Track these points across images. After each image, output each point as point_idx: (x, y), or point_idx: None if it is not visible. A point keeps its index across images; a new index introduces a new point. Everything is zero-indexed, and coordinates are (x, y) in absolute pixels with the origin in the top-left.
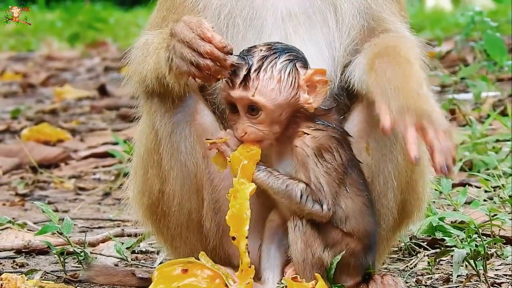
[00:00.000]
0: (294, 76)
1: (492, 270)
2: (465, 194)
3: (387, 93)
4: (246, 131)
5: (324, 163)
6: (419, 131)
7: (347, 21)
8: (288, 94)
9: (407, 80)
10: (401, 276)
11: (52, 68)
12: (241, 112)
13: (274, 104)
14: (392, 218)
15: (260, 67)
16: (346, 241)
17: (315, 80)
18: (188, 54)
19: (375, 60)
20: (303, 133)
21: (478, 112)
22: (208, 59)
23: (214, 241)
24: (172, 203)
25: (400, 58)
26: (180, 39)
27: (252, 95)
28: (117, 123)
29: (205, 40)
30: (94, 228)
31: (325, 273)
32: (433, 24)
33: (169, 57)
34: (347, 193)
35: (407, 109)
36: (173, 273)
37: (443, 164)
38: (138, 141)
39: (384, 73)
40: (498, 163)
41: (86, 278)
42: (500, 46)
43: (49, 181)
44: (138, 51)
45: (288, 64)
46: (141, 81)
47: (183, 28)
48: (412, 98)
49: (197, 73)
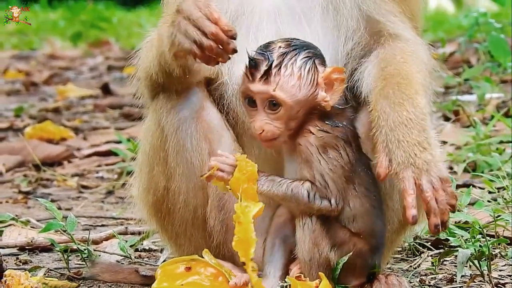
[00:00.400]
0: (313, 73)
1: (496, 270)
2: (469, 195)
3: (388, 144)
4: (264, 128)
5: (329, 160)
6: (417, 188)
7: (345, 23)
8: (308, 91)
9: (410, 126)
10: (405, 276)
11: (55, 67)
12: (259, 106)
13: (293, 101)
14: (397, 220)
15: (280, 63)
16: (354, 241)
17: (333, 78)
18: (192, 32)
19: (379, 99)
20: (308, 132)
21: (482, 114)
22: (211, 40)
23: (218, 239)
24: (177, 200)
25: (404, 97)
26: (186, 16)
27: (273, 90)
28: (120, 121)
29: (211, 21)
30: (97, 226)
31: (331, 272)
32: (436, 26)
33: (172, 33)
34: (356, 192)
35: (407, 164)
36: (176, 271)
37: (438, 225)
38: (143, 138)
39: (387, 119)
40: (502, 164)
41: (90, 275)
42: (504, 47)
43: (52, 179)
44: (142, 51)
45: (307, 61)
46: (146, 76)
47: (190, 6)
48: (413, 150)
49: (198, 53)
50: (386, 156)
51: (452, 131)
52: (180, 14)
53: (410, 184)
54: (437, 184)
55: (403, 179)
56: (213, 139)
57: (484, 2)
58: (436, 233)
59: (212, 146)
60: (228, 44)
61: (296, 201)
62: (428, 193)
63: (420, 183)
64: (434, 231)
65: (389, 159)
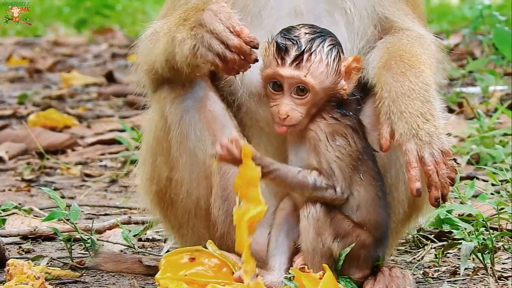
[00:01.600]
0: (338, 61)
1: (499, 263)
2: (472, 187)
3: (391, 116)
4: (289, 114)
5: (337, 147)
6: (420, 161)
7: (357, 23)
8: (333, 78)
9: (412, 97)
10: (408, 268)
11: (59, 54)
12: (286, 91)
13: (321, 87)
14: (402, 211)
15: (310, 49)
16: (357, 233)
17: (353, 67)
18: (216, 46)
19: (381, 72)
20: (320, 117)
21: (486, 106)
22: (235, 53)
23: (222, 229)
24: (180, 190)
25: (407, 67)
26: (210, 30)
27: (304, 76)
28: (124, 110)
29: (234, 33)
30: (101, 215)
31: (334, 264)
32: (440, 18)
33: (195, 45)
34: (361, 180)
35: (410, 135)
36: (180, 262)
37: (438, 198)
38: (147, 128)
39: (390, 90)
40: (506, 156)
41: (93, 264)
42: (509, 40)
43: (55, 167)
44: (145, 43)
45: (333, 48)
46: (149, 69)
47: (212, 19)
48: (415, 121)
49: (221, 65)
50: (389, 127)
51: (456, 123)
52: (202, 28)
53: (413, 157)
54: (438, 157)
55: (406, 152)
56: (217, 129)
57: None
58: (436, 206)
59: (215, 136)
60: (250, 55)
61: (301, 188)
62: (430, 166)
63: (422, 155)
64: (435, 203)
65: (392, 130)
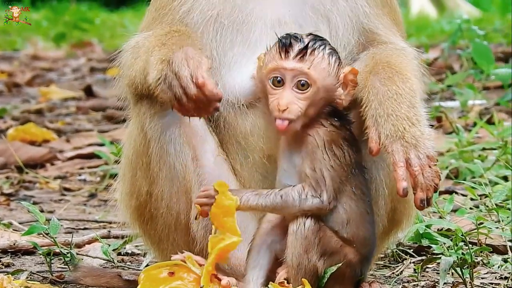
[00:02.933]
0: (338, 65)
1: (478, 278)
2: (452, 201)
3: (377, 118)
4: (289, 106)
5: (333, 157)
6: (406, 162)
7: (341, 34)
8: (333, 79)
9: (399, 101)
10: (387, 283)
11: (38, 67)
12: (287, 84)
13: (322, 84)
14: (381, 225)
15: (313, 46)
16: (345, 252)
17: (349, 79)
18: (175, 88)
19: (368, 76)
20: (320, 124)
21: (465, 120)
22: (191, 101)
23: (201, 244)
24: (160, 204)
25: (394, 72)
26: (174, 71)
27: (308, 68)
28: (103, 124)
29: (194, 83)
30: (80, 229)
31: (317, 280)
32: (419, 32)
33: (159, 79)
34: (353, 195)
35: (396, 137)
36: (159, 276)
37: (423, 200)
38: (126, 142)
39: (377, 93)
40: (484, 171)
41: (73, 279)
42: (488, 54)
43: (34, 181)
44: (127, 54)
45: (333, 53)
46: (130, 84)
47: (181, 62)
48: (402, 124)
49: (177, 106)
50: (376, 131)
51: (434, 138)
52: (169, 66)
53: (400, 157)
54: (424, 160)
55: (393, 152)
56: (197, 144)
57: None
58: (421, 209)
59: (195, 151)
60: (209, 106)
61: (286, 207)
62: (416, 167)
63: (408, 157)
64: (420, 206)
65: (379, 133)
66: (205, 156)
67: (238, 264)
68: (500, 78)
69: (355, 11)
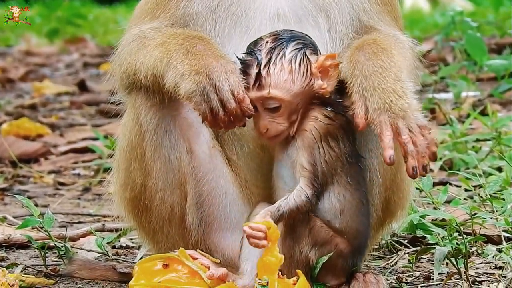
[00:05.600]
0: (305, 64)
1: (473, 268)
2: (446, 192)
3: (363, 92)
4: (268, 127)
5: (328, 150)
6: (394, 133)
7: (339, 28)
8: (302, 82)
9: (385, 75)
10: (382, 273)
11: (31, 63)
12: (260, 109)
13: (290, 95)
14: (376, 215)
15: (269, 61)
16: (336, 242)
17: (327, 65)
18: (213, 101)
19: (354, 52)
20: (315, 118)
21: (458, 112)
22: (228, 115)
23: (196, 236)
24: (154, 197)
25: (379, 49)
26: (215, 85)
27: (268, 93)
28: (96, 118)
29: (235, 99)
30: (74, 223)
31: (310, 271)
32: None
33: (194, 91)
34: (349, 185)
35: (383, 110)
36: (154, 268)
37: (415, 167)
38: (121, 134)
39: (362, 68)
40: (478, 162)
41: (68, 272)
42: (481, 46)
43: (28, 175)
44: (131, 42)
45: (297, 53)
46: (131, 73)
47: (221, 76)
48: (388, 97)
49: (210, 120)
50: (362, 105)
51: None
52: (208, 79)
53: (386, 126)
54: (415, 129)
55: (380, 123)
56: (192, 136)
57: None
58: (414, 177)
59: (190, 144)
60: (241, 121)
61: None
62: (405, 136)
63: (396, 126)
64: (412, 174)
65: (365, 107)
66: (200, 148)
67: (232, 256)
68: (493, 69)
69: (355, 7)
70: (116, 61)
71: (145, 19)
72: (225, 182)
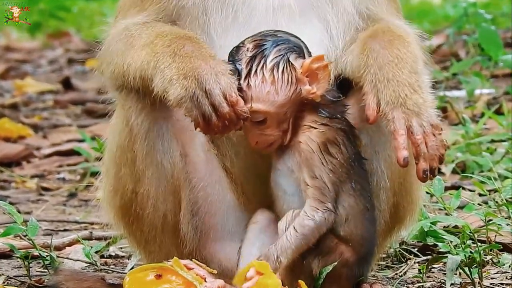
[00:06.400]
0: (289, 72)
1: (487, 278)
2: (458, 197)
3: (377, 84)
4: (257, 140)
5: (330, 159)
6: (407, 130)
7: (346, 19)
8: (287, 92)
9: (400, 66)
10: (390, 284)
11: (12, 59)
12: (247, 124)
13: (275, 107)
14: (383, 221)
15: (249, 72)
16: (340, 250)
17: (315, 68)
18: (204, 107)
19: (367, 40)
20: (309, 127)
21: (472, 110)
22: (221, 119)
23: (191, 246)
24: (146, 204)
25: (395, 36)
26: (205, 89)
27: (250, 108)
28: (82, 119)
29: (228, 102)
30: (60, 231)
31: (313, 282)
32: (421, 17)
33: (183, 97)
34: (353, 190)
35: (396, 104)
36: (146, 279)
37: (426, 170)
38: (110, 136)
39: (376, 57)
40: (493, 164)
41: (53, 283)
42: (495, 40)
43: (10, 180)
44: (118, 42)
45: (279, 60)
46: (119, 74)
47: (211, 79)
48: (403, 91)
49: (203, 126)
50: (374, 97)
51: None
52: (197, 83)
53: (400, 124)
54: (428, 129)
55: (393, 119)
56: (186, 139)
57: None
58: (424, 180)
59: (184, 147)
60: (236, 125)
61: (309, 238)
62: (418, 136)
63: (410, 124)
64: (422, 177)
65: (378, 99)
66: (195, 152)
67: (230, 266)
68: (509, 65)
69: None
70: (104, 60)
71: (133, 11)
72: (221, 189)
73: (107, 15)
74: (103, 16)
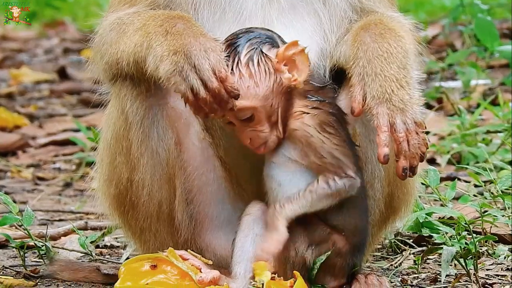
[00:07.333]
0: (264, 63)
1: (483, 269)
2: (454, 188)
3: (364, 77)
4: (250, 137)
5: (329, 136)
6: (390, 127)
7: (338, 13)
8: (267, 82)
9: (389, 60)
10: (385, 275)
11: (7, 49)
12: (235, 122)
13: (259, 100)
14: (378, 211)
15: (229, 69)
16: (333, 240)
17: (290, 55)
18: (193, 80)
19: (359, 32)
20: (301, 113)
21: (467, 101)
22: (210, 95)
23: (186, 234)
24: (141, 193)
25: (386, 29)
26: (193, 64)
27: (233, 107)
28: (78, 108)
29: (217, 77)
30: (55, 221)
31: (307, 272)
32: (417, 7)
33: (172, 71)
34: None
35: (382, 99)
36: (141, 269)
37: (406, 168)
38: (105, 126)
39: (366, 50)
40: (489, 155)
41: (49, 273)
42: (491, 30)
43: (5, 169)
44: (110, 31)
45: (253, 54)
46: (113, 63)
47: (200, 55)
48: (390, 86)
49: (191, 100)
50: (361, 90)
51: (435, 120)
52: (186, 59)
53: (384, 120)
54: (411, 126)
55: (377, 115)
56: (181, 127)
57: None
58: (403, 178)
59: (179, 135)
60: (227, 103)
61: (323, 200)
62: (401, 133)
63: (393, 121)
64: (402, 175)
65: (364, 93)
66: (190, 140)
67: (224, 255)
68: (505, 55)
69: None
70: (97, 52)
71: (124, 7)
72: (216, 177)
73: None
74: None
